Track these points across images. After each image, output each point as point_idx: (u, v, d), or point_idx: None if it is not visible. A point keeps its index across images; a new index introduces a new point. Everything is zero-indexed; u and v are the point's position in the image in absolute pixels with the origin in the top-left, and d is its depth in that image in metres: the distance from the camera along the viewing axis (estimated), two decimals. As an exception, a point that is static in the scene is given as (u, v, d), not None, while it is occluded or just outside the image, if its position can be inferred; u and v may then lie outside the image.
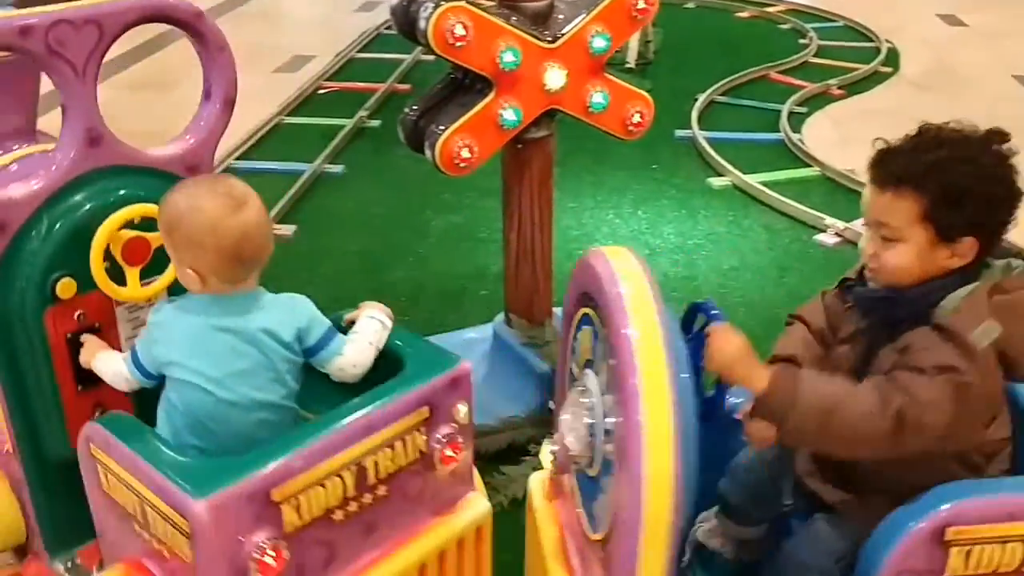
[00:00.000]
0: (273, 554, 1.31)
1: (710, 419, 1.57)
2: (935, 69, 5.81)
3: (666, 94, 5.19)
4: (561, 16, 2.26)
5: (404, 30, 2.25)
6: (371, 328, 1.57)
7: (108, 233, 1.61)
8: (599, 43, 2.24)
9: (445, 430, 1.51)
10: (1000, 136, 1.39)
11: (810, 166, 4.23)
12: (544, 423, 2.38)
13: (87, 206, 1.63)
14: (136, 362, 1.53)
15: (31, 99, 1.99)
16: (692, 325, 1.57)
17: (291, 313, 1.51)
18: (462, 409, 1.53)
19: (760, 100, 5.11)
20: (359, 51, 6.04)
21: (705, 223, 3.80)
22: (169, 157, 1.75)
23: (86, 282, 1.62)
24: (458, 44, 2.12)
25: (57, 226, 1.61)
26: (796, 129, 4.65)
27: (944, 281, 1.38)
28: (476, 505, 1.62)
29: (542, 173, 2.47)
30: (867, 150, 1.42)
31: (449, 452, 1.52)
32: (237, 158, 4.35)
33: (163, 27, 1.84)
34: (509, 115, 2.24)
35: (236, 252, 1.43)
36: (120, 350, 1.68)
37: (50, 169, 1.63)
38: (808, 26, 6.49)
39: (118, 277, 1.65)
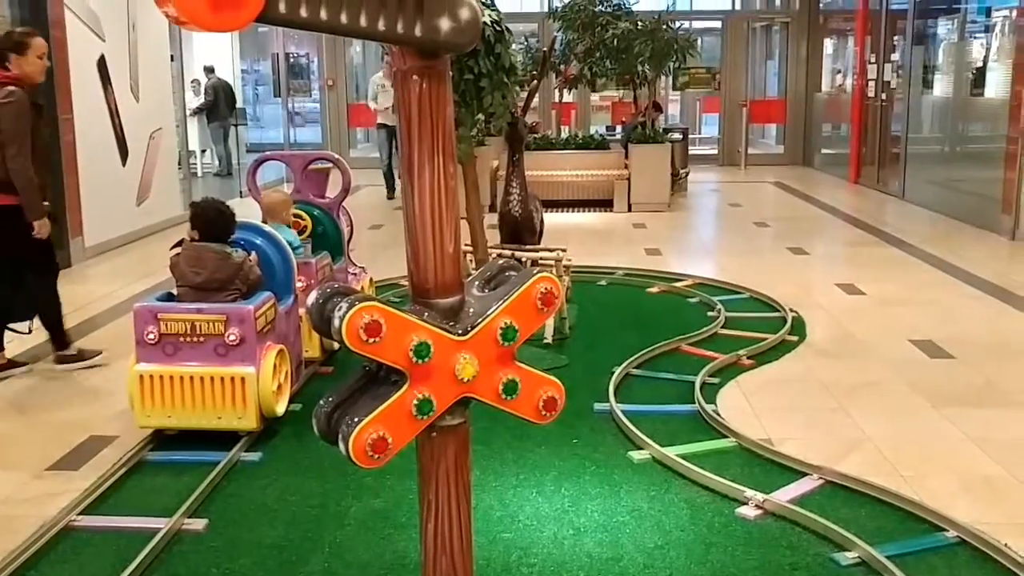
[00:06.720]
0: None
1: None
2: (838, 336, 6.11)
3: (583, 368, 5.38)
4: (472, 310, 2.35)
5: (318, 328, 2.30)
6: None
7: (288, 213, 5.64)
8: (508, 334, 2.32)
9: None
10: None
11: (726, 436, 4.26)
12: None
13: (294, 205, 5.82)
14: None
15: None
16: None
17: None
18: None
19: (674, 372, 5.25)
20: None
21: (628, 498, 3.76)
22: (321, 203, 6.05)
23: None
24: (371, 340, 2.17)
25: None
26: (710, 400, 4.73)
27: None
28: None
29: (458, 460, 2.46)
30: (779, 419, 1.46)
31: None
32: (152, 449, 4.26)
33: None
34: (423, 405, 2.27)
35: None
36: None
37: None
38: (715, 299, 6.83)
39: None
